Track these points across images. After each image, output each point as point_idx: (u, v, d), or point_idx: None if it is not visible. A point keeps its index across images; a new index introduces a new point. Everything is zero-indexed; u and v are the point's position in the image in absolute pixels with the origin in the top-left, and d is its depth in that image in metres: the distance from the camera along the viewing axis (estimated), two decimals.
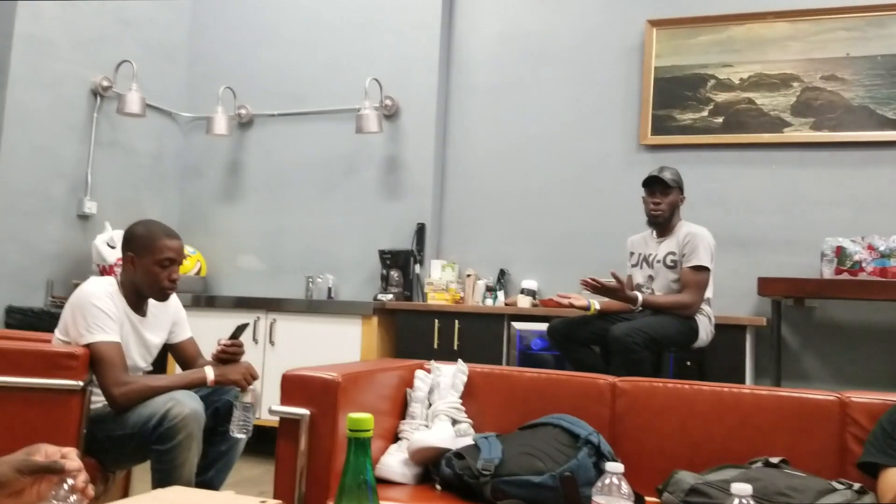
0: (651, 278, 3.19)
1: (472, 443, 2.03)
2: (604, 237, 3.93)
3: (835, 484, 1.77)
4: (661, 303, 3.05)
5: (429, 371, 2.35)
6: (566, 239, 4.13)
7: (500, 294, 4.07)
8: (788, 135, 3.80)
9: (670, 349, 3.10)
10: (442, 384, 2.26)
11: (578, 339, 3.15)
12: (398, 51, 4.43)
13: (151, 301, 2.40)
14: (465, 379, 2.32)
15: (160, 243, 2.31)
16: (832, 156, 3.74)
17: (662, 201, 3.16)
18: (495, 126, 4.36)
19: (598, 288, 3.01)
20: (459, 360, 2.39)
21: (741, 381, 3.29)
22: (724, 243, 3.30)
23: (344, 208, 4.49)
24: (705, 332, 3.09)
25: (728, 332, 3.29)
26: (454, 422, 2.18)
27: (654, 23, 4.04)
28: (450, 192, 4.43)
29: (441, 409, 2.18)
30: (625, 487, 1.28)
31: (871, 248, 3.38)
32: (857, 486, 1.77)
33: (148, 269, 2.30)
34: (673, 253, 3.13)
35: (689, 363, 3.19)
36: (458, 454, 1.96)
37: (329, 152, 4.55)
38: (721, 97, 3.93)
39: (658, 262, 3.17)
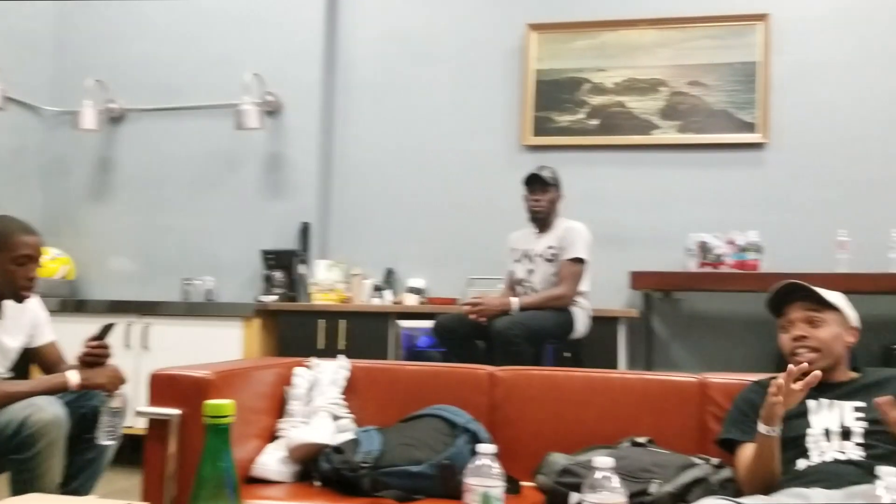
0: (531, 272, 3.29)
1: (353, 437, 2.01)
2: (488, 235, 3.98)
3: (695, 459, 1.88)
4: (537, 301, 3.16)
5: (309, 368, 2.32)
6: (452, 237, 4.18)
7: (388, 293, 4.07)
8: (657, 137, 4.02)
9: (549, 341, 3.21)
10: (322, 380, 2.24)
11: (463, 335, 3.19)
12: (280, 45, 4.33)
13: (8, 303, 2.25)
14: (346, 374, 2.31)
15: (16, 239, 2.17)
16: (696, 157, 3.98)
17: (542, 198, 3.28)
18: (381, 124, 4.35)
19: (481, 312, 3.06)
20: (341, 356, 2.37)
21: (615, 369, 3.44)
22: (599, 239, 3.44)
23: (224, 207, 4.34)
24: (582, 324, 3.22)
25: (603, 323, 3.44)
26: (335, 417, 2.16)
27: (534, 27, 4.17)
28: (335, 190, 4.38)
29: (320, 405, 2.15)
30: (496, 468, 1.31)
31: (731, 242, 3.62)
32: (715, 461, 1.89)
33: (3, 267, 2.17)
34: (552, 247, 3.24)
35: (567, 354, 3.30)
36: (337, 449, 1.94)
37: (207, 149, 4.39)
38: (596, 100, 4.10)
39: (538, 256, 3.27)
